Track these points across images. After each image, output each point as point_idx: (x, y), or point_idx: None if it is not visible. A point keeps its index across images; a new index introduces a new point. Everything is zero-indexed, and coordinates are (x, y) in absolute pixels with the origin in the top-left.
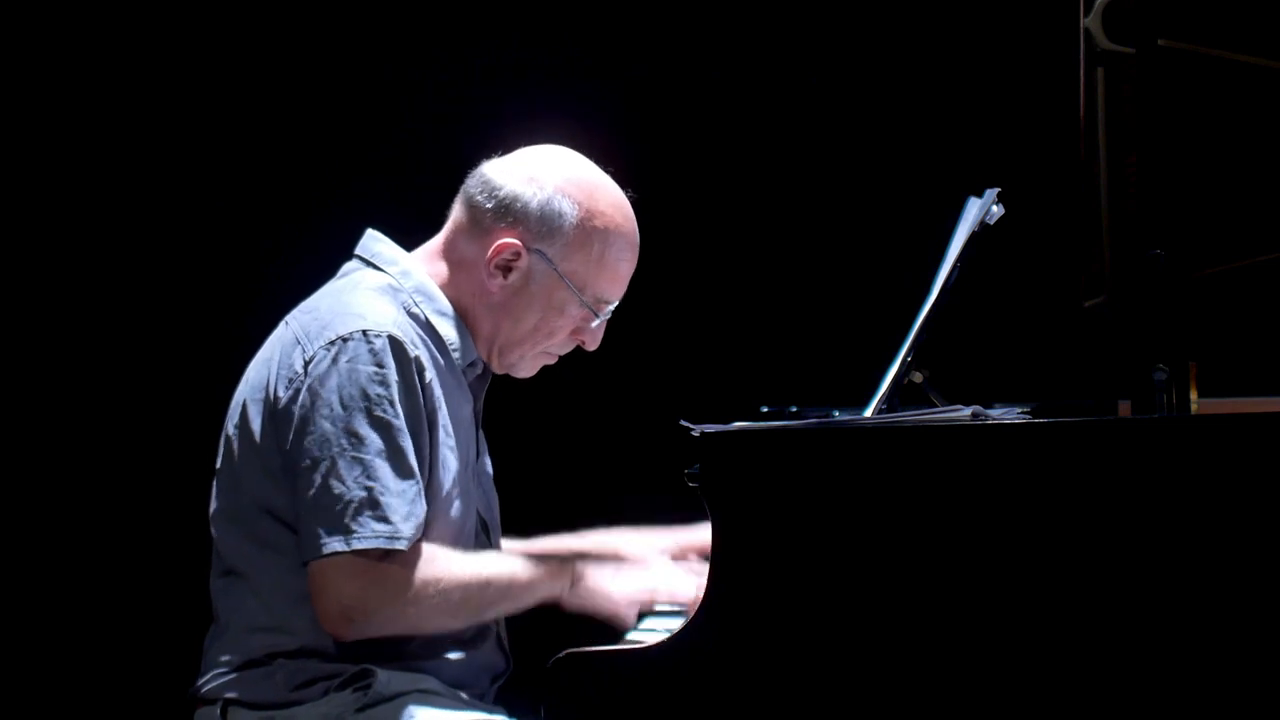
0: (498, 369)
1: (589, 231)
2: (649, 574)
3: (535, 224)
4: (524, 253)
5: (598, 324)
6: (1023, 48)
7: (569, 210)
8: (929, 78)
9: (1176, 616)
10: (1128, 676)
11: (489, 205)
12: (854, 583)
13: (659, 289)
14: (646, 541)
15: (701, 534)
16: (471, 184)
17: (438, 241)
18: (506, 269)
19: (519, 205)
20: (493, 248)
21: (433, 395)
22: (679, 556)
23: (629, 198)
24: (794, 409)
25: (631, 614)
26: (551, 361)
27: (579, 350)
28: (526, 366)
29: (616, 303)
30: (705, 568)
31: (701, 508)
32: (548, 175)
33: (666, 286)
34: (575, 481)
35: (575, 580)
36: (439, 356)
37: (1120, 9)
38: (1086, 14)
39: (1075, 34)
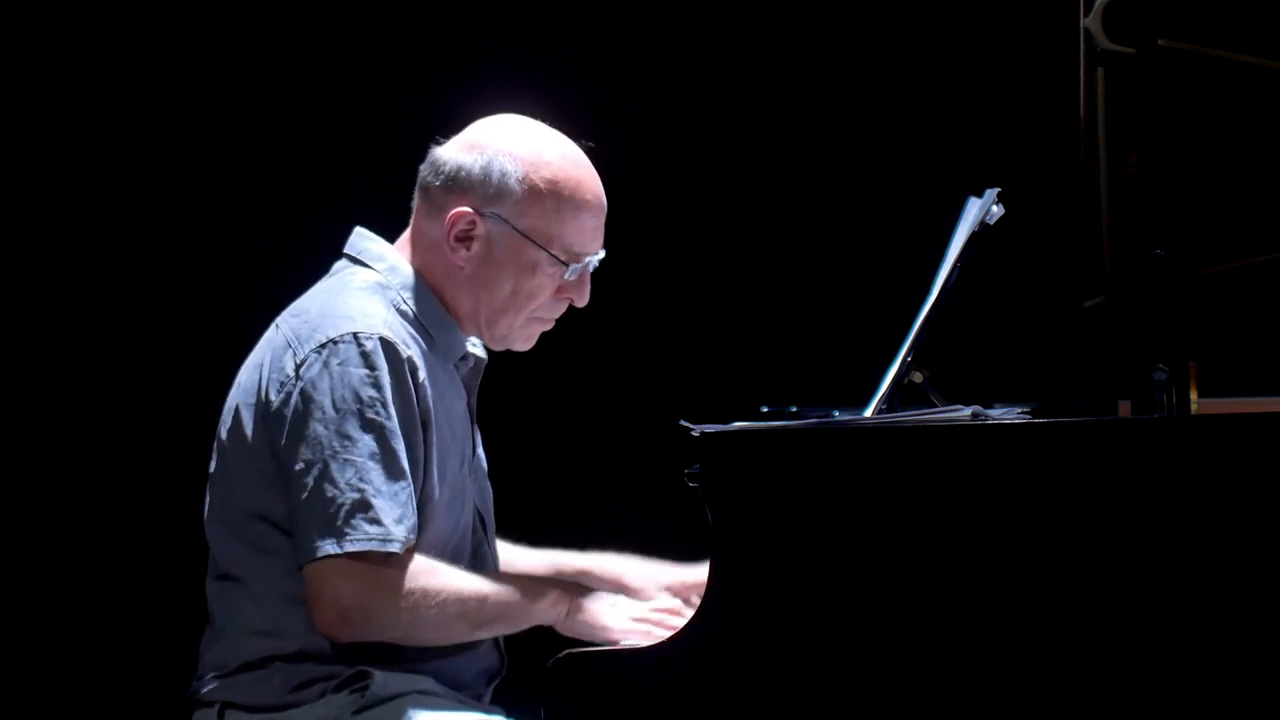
0: (493, 345)
1: (537, 184)
2: (647, 608)
3: (481, 188)
4: (479, 220)
5: (574, 275)
6: (1023, 48)
7: (512, 168)
8: (929, 78)
9: (1177, 616)
10: (1128, 676)
11: (438, 183)
12: (854, 583)
13: (659, 289)
14: (650, 573)
15: (705, 573)
16: (423, 169)
17: (406, 236)
18: (466, 239)
19: (464, 174)
20: (448, 220)
21: (426, 395)
22: (680, 593)
23: (586, 148)
24: (794, 409)
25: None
26: (547, 327)
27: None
28: (520, 337)
29: (598, 253)
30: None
31: (700, 508)
32: (488, 140)
33: (666, 286)
34: (574, 481)
35: (573, 609)
36: (430, 353)
37: (1120, 9)
38: (1086, 14)
39: (1075, 34)
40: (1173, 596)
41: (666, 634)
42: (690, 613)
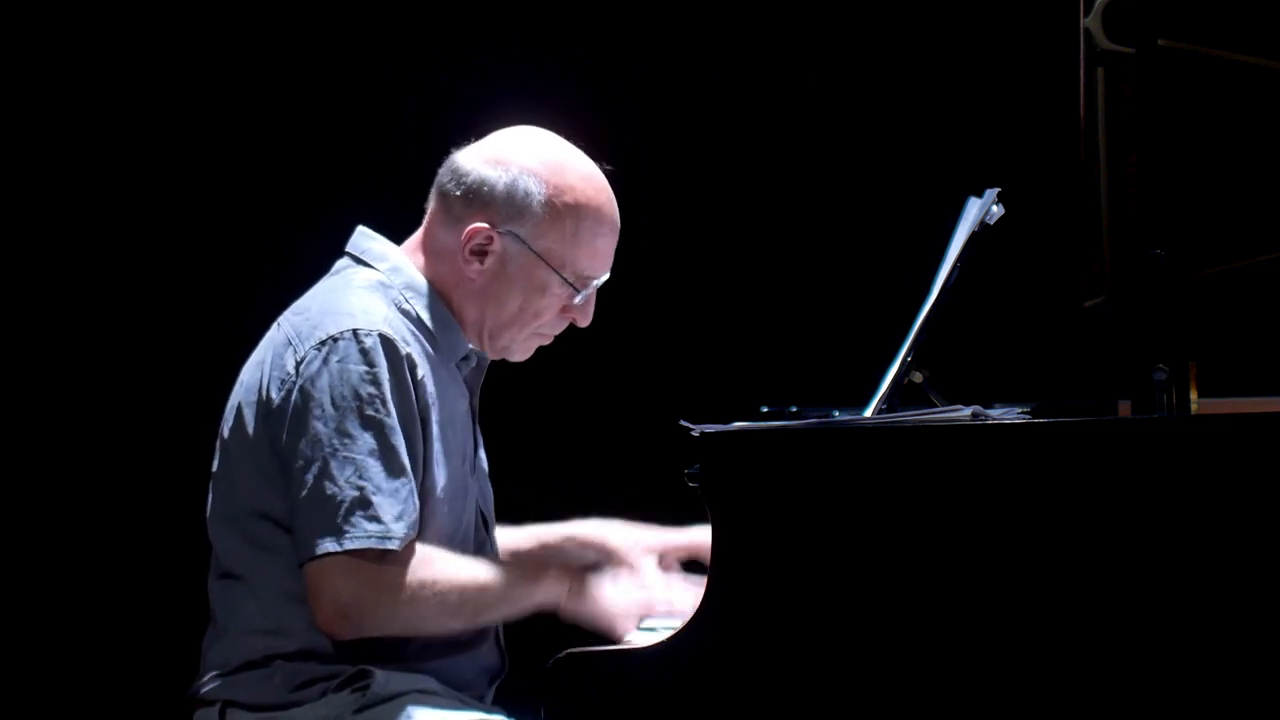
0: (492, 354)
1: (559, 208)
2: (647, 585)
3: (503, 206)
4: (496, 236)
5: (582, 300)
6: (1023, 48)
7: (536, 189)
8: (929, 78)
9: (1177, 616)
10: (1128, 676)
11: (458, 193)
12: (854, 583)
13: (659, 289)
14: (633, 535)
15: (688, 535)
16: (442, 174)
17: (418, 236)
18: (482, 253)
19: (486, 189)
20: (465, 234)
21: (426, 393)
22: (662, 554)
23: (605, 171)
24: (794, 409)
25: (629, 625)
26: (546, 342)
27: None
28: (519, 350)
29: (604, 277)
30: (702, 580)
31: (700, 508)
32: (513, 156)
33: (667, 286)
34: (575, 481)
35: (573, 589)
36: (431, 352)
37: (1120, 9)
38: (1086, 14)
39: (1075, 34)
40: (1173, 596)
41: (667, 614)
42: (694, 591)
